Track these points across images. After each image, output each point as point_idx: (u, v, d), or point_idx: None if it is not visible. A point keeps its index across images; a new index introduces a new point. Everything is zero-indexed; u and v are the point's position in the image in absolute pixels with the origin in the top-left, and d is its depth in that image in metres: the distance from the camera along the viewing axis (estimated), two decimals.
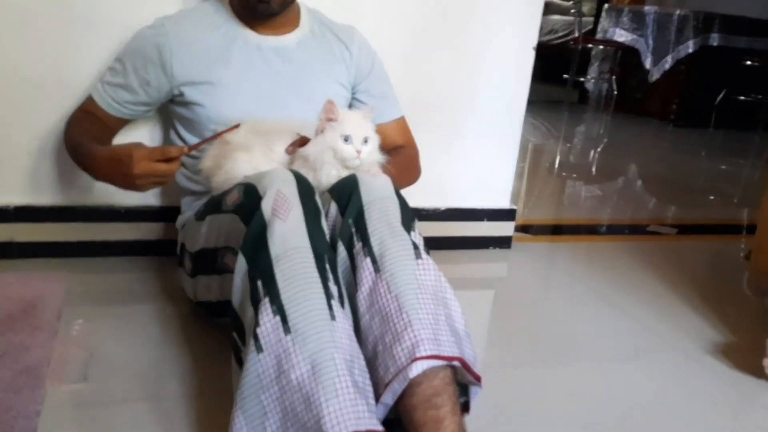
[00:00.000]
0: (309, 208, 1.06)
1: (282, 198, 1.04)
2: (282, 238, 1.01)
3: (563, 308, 1.77)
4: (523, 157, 3.56)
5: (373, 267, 1.05)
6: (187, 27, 1.41)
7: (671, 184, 3.44)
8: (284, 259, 0.99)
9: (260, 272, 1.00)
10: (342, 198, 1.13)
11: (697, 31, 4.87)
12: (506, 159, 2.05)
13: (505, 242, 2.10)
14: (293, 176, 1.09)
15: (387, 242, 1.06)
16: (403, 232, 1.08)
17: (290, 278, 0.98)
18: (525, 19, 1.93)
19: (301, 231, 1.02)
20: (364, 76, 1.54)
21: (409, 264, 1.05)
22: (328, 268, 1.01)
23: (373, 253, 1.06)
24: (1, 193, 1.59)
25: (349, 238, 1.09)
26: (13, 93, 1.54)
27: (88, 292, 1.54)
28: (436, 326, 1.01)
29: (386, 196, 1.12)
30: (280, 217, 1.02)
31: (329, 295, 0.98)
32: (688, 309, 1.79)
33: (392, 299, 1.02)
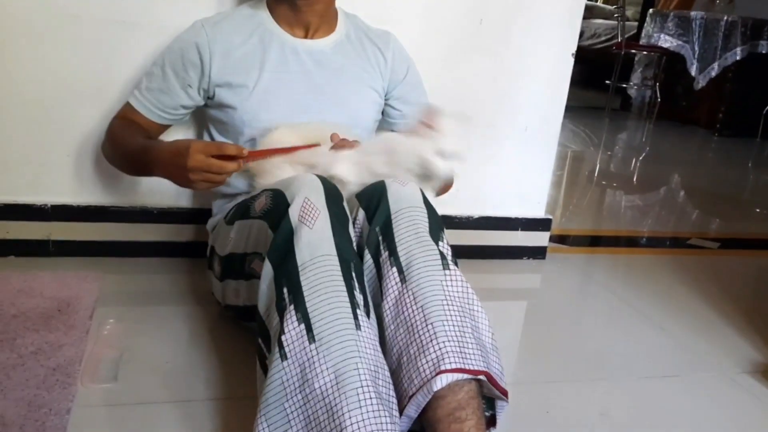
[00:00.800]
0: (336, 215, 1.05)
1: (309, 205, 1.04)
2: (308, 245, 1.01)
3: (597, 322, 1.73)
4: (561, 165, 3.51)
5: (399, 277, 1.04)
6: (225, 29, 1.41)
7: (715, 195, 3.35)
8: (310, 267, 0.99)
9: (286, 279, 0.99)
10: (370, 205, 1.12)
11: (745, 38, 4.74)
12: (542, 167, 2.02)
13: (539, 252, 2.06)
14: (320, 182, 1.08)
15: (414, 252, 1.05)
16: (430, 242, 1.07)
17: (316, 286, 0.97)
18: (564, 25, 1.89)
19: (327, 238, 1.02)
20: (398, 82, 1.52)
21: (436, 275, 1.04)
22: (354, 276, 1.01)
23: (399, 262, 1.05)
24: (40, 193, 1.63)
25: (375, 247, 1.08)
26: (52, 95, 1.58)
27: (120, 292, 1.56)
28: (462, 339, 1.00)
29: (415, 205, 1.11)
30: (307, 224, 1.02)
31: (355, 303, 0.98)
32: (728, 327, 1.74)
33: (418, 310, 1.01)
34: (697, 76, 4.94)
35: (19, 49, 1.53)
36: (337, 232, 1.03)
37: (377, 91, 1.50)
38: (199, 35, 1.39)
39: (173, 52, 1.42)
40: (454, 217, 1.94)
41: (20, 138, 1.59)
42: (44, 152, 1.61)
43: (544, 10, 1.85)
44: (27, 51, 1.54)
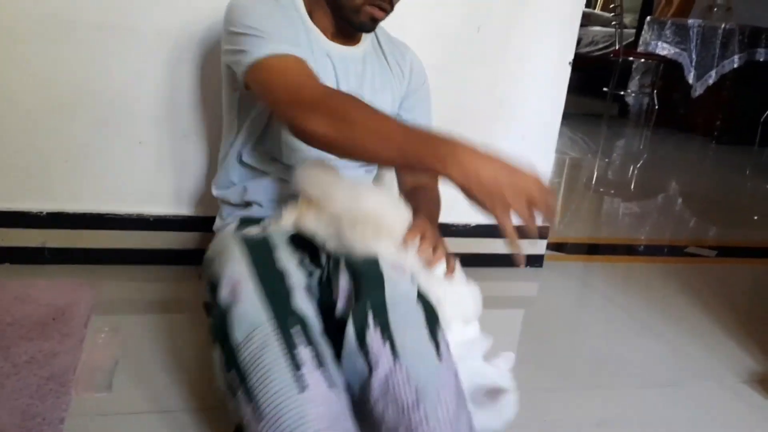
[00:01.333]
0: (264, 277, 1.02)
1: (233, 280, 1.02)
2: (240, 322, 0.98)
3: (595, 331, 1.73)
4: (559, 172, 3.51)
5: (392, 353, 0.97)
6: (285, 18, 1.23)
7: (713, 203, 3.35)
8: (247, 344, 0.97)
9: (231, 361, 0.98)
10: (362, 280, 1.05)
11: (743, 46, 4.75)
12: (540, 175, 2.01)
13: (536, 260, 2.06)
14: (242, 247, 1.07)
15: (409, 334, 1.00)
16: (426, 331, 1.01)
17: (254, 362, 0.95)
18: (561, 34, 1.90)
19: (257, 307, 0.99)
20: (412, 92, 1.47)
21: (430, 359, 0.99)
22: (293, 333, 0.97)
23: (392, 339, 0.98)
24: (36, 200, 1.62)
25: (362, 321, 1.00)
26: (52, 101, 1.57)
27: (116, 300, 1.55)
28: (456, 425, 0.95)
29: (411, 298, 1.05)
30: (236, 300, 1.00)
31: (295, 365, 0.93)
32: (726, 336, 1.73)
33: (411, 391, 0.95)
34: (695, 83, 4.95)
35: (15, 55, 1.53)
36: (267, 294, 1.00)
37: (395, 102, 1.44)
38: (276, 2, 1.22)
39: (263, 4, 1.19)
40: (451, 225, 1.94)
41: (16, 144, 1.59)
42: (40, 159, 1.61)
43: (542, 18, 1.86)
44: (23, 57, 1.53)
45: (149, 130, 1.65)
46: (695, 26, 4.99)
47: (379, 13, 1.24)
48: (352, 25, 1.27)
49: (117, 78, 1.59)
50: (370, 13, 1.23)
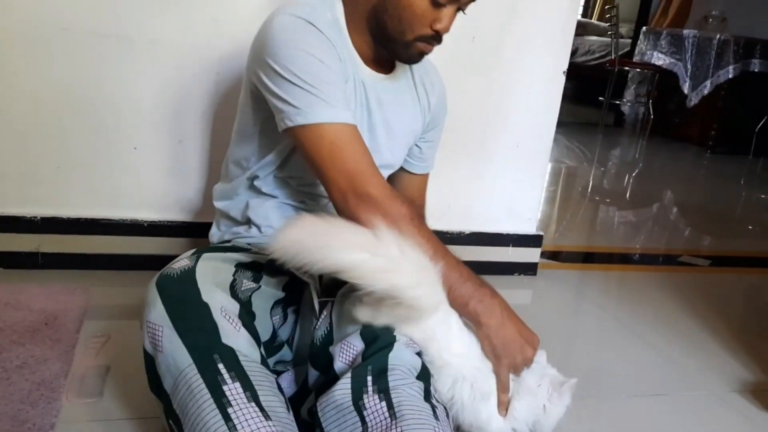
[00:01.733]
0: (181, 317, 0.99)
1: (152, 329, 1.00)
2: (167, 370, 0.97)
3: (588, 340, 1.73)
4: (555, 181, 3.52)
5: (389, 413, 0.96)
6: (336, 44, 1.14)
7: (707, 212, 3.36)
8: (176, 392, 0.96)
9: (167, 412, 0.98)
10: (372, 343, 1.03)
11: (738, 57, 4.77)
12: (534, 184, 2.02)
13: (530, 269, 2.06)
14: (157, 291, 1.02)
15: (408, 401, 0.98)
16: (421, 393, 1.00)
17: (185, 410, 0.94)
18: (556, 43, 1.91)
19: (179, 352, 0.96)
20: (432, 126, 1.41)
21: (428, 421, 0.96)
22: (220, 369, 0.94)
23: (390, 400, 0.97)
24: (30, 205, 1.62)
25: (361, 381, 0.99)
26: (43, 108, 1.58)
27: (109, 306, 1.55)
28: None
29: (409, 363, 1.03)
30: (158, 349, 0.98)
31: (223, 404, 0.91)
32: (718, 345, 1.74)
33: None
34: (690, 93, 4.98)
35: (10, 61, 1.53)
36: (187, 335, 0.97)
37: (416, 136, 1.38)
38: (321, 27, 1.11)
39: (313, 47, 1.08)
40: (446, 232, 1.94)
41: (10, 150, 1.59)
42: (34, 165, 1.61)
43: (536, 28, 1.87)
44: (18, 63, 1.54)
45: (144, 136, 1.65)
46: (690, 36, 5.02)
47: (429, 48, 1.17)
48: (399, 58, 1.21)
49: (111, 85, 1.60)
50: (421, 50, 1.16)
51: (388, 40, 1.16)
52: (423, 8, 1.10)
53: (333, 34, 1.13)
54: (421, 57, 1.18)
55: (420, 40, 1.13)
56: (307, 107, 1.06)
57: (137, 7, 1.56)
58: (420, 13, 1.10)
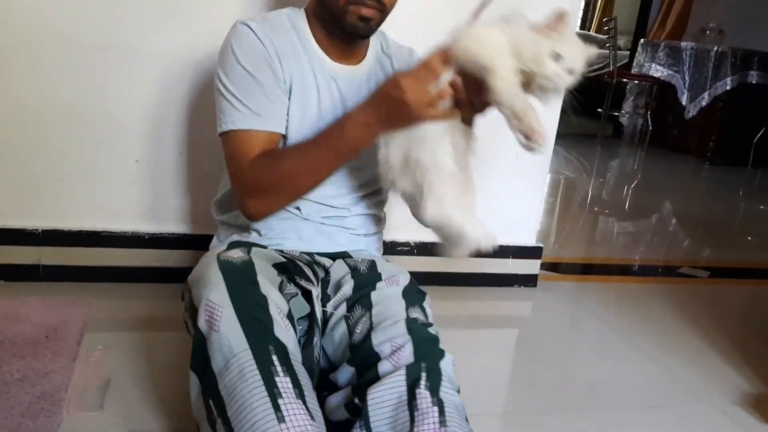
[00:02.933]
0: (242, 303, 1.00)
1: (211, 306, 1.00)
2: (220, 350, 0.97)
3: (588, 352, 1.73)
4: (554, 192, 3.53)
5: (440, 419, 0.97)
6: (281, 41, 1.22)
7: (706, 224, 3.36)
8: (226, 373, 0.96)
9: (209, 391, 0.97)
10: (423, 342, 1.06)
11: (735, 68, 4.80)
12: (533, 196, 2.03)
13: (530, 280, 2.07)
14: (220, 273, 1.04)
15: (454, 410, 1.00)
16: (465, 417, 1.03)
17: (233, 392, 0.94)
18: None
19: (236, 334, 0.97)
20: None
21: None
22: (274, 361, 0.96)
23: (443, 407, 0.98)
24: (31, 217, 1.63)
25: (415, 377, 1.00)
26: (48, 119, 1.59)
27: (109, 318, 1.55)
28: None
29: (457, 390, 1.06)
30: (214, 328, 0.99)
31: (276, 394, 0.92)
32: (719, 357, 1.74)
33: None
34: (688, 105, 5.00)
35: (13, 73, 1.54)
36: (246, 322, 0.99)
37: None
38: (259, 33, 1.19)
39: (248, 56, 1.18)
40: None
41: (12, 163, 1.60)
42: (36, 177, 1.62)
43: None
44: (20, 75, 1.55)
45: (145, 148, 1.66)
46: (688, 49, 5.05)
47: (367, 10, 1.18)
48: (345, 30, 1.21)
49: (113, 97, 1.60)
50: (357, 12, 1.17)
51: (332, 18, 1.20)
52: None
53: (287, 39, 1.22)
54: (365, 23, 1.19)
55: (352, 3, 1.16)
56: (226, 117, 1.18)
57: (138, 20, 1.57)
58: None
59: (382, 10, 1.20)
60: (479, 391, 1.13)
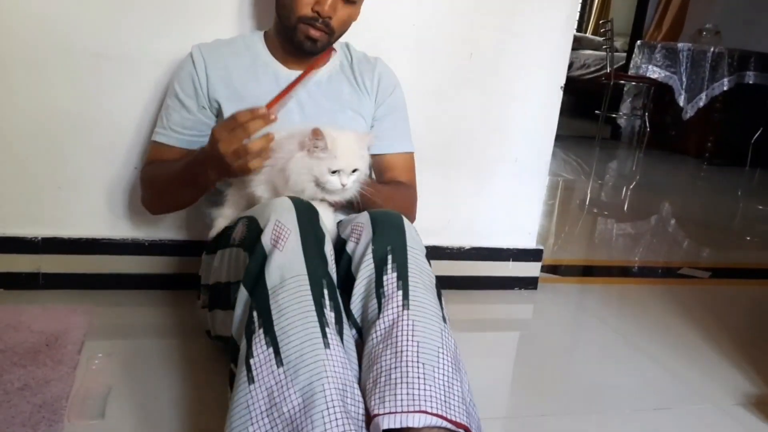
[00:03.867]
0: (308, 233, 1.07)
1: (280, 227, 1.06)
2: (279, 268, 1.03)
3: (590, 354, 1.73)
4: (553, 194, 3.53)
5: (403, 302, 1.05)
6: (222, 54, 1.43)
7: (705, 224, 3.37)
8: (280, 290, 1.01)
9: (257, 303, 1.01)
10: (382, 222, 1.15)
11: (732, 69, 4.81)
12: (533, 198, 2.03)
13: (531, 283, 2.06)
14: (291, 203, 1.10)
15: (420, 292, 1.08)
16: (435, 296, 1.10)
17: (285, 309, 0.99)
18: (553, 58, 1.92)
19: (298, 258, 1.03)
20: (381, 102, 1.52)
21: (436, 321, 1.06)
22: (325, 294, 1.02)
23: (407, 289, 1.07)
24: (31, 225, 1.62)
25: (381, 259, 1.10)
26: (44, 128, 1.58)
27: (110, 325, 1.55)
28: (450, 390, 1.00)
29: (426, 264, 1.15)
30: (279, 247, 1.04)
31: (324, 323, 0.99)
32: (721, 358, 1.74)
33: (412, 343, 1.02)
34: (686, 106, 5.01)
35: (11, 81, 1.54)
36: (308, 250, 1.05)
37: (367, 117, 1.50)
38: (196, 57, 1.42)
39: (181, 80, 1.43)
40: (446, 247, 1.94)
41: (11, 170, 1.59)
42: (35, 185, 1.61)
43: (533, 44, 1.88)
44: (20, 83, 1.54)
45: (145, 155, 1.66)
46: (685, 50, 5.06)
47: (315, 32, 1.32)
48: (294, 45, 1.36)
49: (113, 105, 1.60)
50: (305, 32, 1.32)
51: (285, 31, 1.37)
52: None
53: (235, 59, 1.43)
54: (312, 42, 1.34)
55: (302, 22, 1.31)
56: (156, 127, 1.45)
57: (140, 28, 1.57)
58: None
59: (329, 33, 1.34)
60: (481, 395, 1.13)
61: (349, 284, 1.12)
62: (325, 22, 1.31)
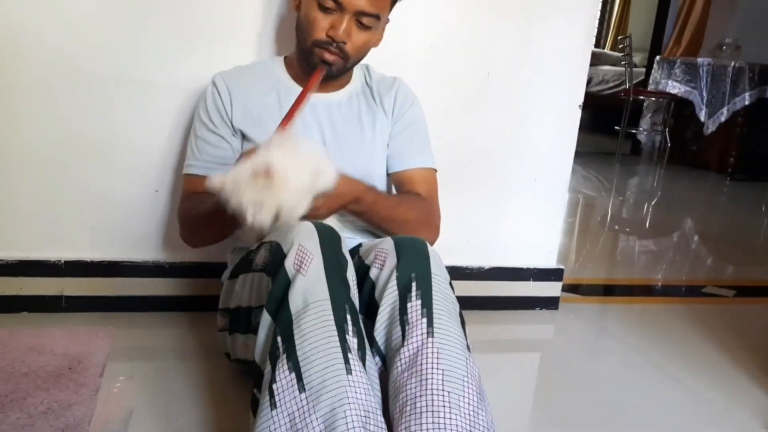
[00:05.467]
0: (331, 258, 1.07)
1: (303, 252, 1.06)
2: (302, 293, 1.03)
3: (612, 375, 1.70)
4: (573, 212, 3.51)
5: (428, 330, 1.05)
6: (244, 81, 1.43)
7: (729, 241, 3.32)
8: (303, 315, 1.01)
9: (280, 328, 1.02)
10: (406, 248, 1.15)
11: (753, 84, 4.76)
12: (553, 217, 2.02)
13: (552, 303, 2.05)
14: (314, 228, 1.10)
15: (445, 319, 1.07)
16: (459, 324, 1.10)
17: (307, 334, 0.99)
18: (571, 77, 1.92)
19: (321, 283, 1.04)
20: (397, 119, 1.51)
21: (462, 349, 1.06)
22: (348, 319, 1.02)
23: (431, 316, 1.06)
24: (54, 248, 1.65)
25: (406, 286, 1.10)
26: (66, 152, 1.61)
27: (132, 348, 1.56)
28: (475, 420, 0.99)
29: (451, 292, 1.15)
30: (302, 272, 1.04)
31: (346, 348, 0.99)
32: (746, 380, 1.70)
33: (437, 372, 1.01)
34: (707, 121, 4.96)
35: (33, 106, 1.57)
36: (331, 276, 1.05)
37: (384, 136, 1.49)
38: (220, 86, 1.42)
39: (208, 110, 1.42)
40: (465, 267, 1.93)
41: (34, 194, 1.62)
42: (58, 208, 1.64)
43: (551, 63, 1.88)
44: (41, 108, 1.57)
45: (165, 178, 1.68)
46: (705, 65, 5.02)
47: (329, 55, 1.32)
48: (311, 69, 1.35)
49: (133, 129, 1.63)
50: (320, 55, 1.32)
51: (302, 55, 1.38)
52: (314, 15, 1.31)
53: (256, 85, 1.43)
54: (327, 66, 1.33)
55: (317, 46, 1.32)
56: (186, 160, 1.44)
57: (158, 53, 1.60)
58: (312, 19, 1.31)
59: (344, 57, 1.34)
60: (503, 417, 1.12)
61: (373, 311, 1.12)
62: (339, 47, 1.32)
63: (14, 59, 1.53)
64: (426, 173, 1.51)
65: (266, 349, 1.03)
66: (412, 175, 1.50)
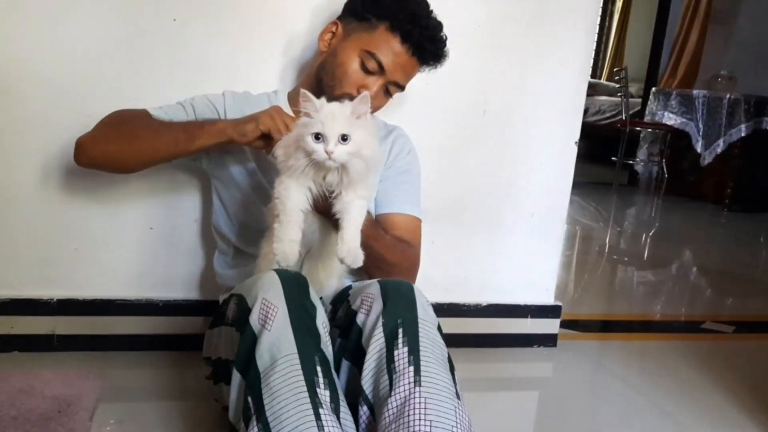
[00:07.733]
0: (296, 309, 1.05)
1: (266, 305, 1.04)
2: (269, 349, 1.01)
3: (611, 415, 1.68)
4: (571, 244, 3.50)
5: (415, 378, 1.02)
6: (246, 108, 1.40)
7: (727, 273, 3.30)
8: (271, 372, 0.99)
9: (249, 388, 0.99)
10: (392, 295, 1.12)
11: (749, 115, 4.79)
12: (550, 254, 2.01)
13: (550, 340, 2.02)
14: (278, 277, 1.08)
15: (433, 367, 1.05)
16: (448, 370, 1.08)
17: (277, 392, 0.97)
18: (567, 114, 1.92)
19: (287, 337, 1.01)
20: (389, 165, 1.50)
21: (450, 398, 1.03)
22: (318, 372, 1.00)
23: (419, 365, 1.03)
24: (47, 287, 1.63)
25: (392, 332, 1.07)
26: (60, 189, 1.60)
27: (123, 389, 1.53)
28: None
29: (439, 337, 1.12)
30: (267, 327, 1.02)
31: (317, 403, 0.96)
32: (746, 418, 1.67)
33: (425, 422, 0.99)
34: (703, 152, 4.98)
35: (28, 144, 1.57)
36: (298, 328, 1.03)
37: (377, 185, 1.47)
38: (227, 100, 1.44)
39: (205, 102, 1.44)
40: (462, 304, 1.92)
41: (27, 233, 1.61)
42: (50, 247, 1.62)
43: (547, 100, 1.89)
44: (33, 147, 1.57)
45: (160, 216, 1.67)
46: (701, 96, 5.06)
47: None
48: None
49: None
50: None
51: (320, 93, 1.31)
52: (353, 69, 1.33)
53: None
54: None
55: (345, 97, 1.28)
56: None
57: (157, 92, 1.59)
58: (350, 73, 1.33)
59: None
60: None
61: (360, 356, 1.10)
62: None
63: (10, 96, 1.53)
64: (412, 221, 1.50)
65: (239, 409, 1.00)
66: (399, 220, 1.48)
